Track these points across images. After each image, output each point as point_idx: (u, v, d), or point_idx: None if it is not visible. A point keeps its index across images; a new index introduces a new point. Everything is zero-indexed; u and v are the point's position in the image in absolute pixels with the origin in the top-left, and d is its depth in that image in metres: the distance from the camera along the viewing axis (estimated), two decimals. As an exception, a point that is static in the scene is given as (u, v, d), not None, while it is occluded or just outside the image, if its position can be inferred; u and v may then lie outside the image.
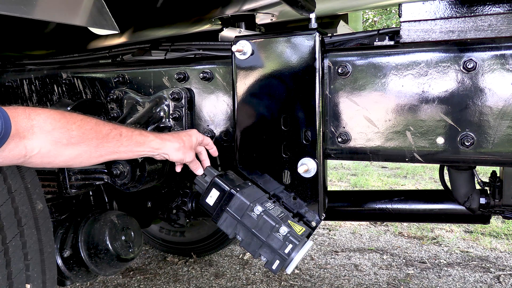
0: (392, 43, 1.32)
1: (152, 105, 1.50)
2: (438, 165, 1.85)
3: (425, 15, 1.25)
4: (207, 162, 1.42)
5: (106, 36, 2.13)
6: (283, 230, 1.24)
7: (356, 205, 1.85)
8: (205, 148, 1.44)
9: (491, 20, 1.19)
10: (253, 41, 1.34)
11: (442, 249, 3.45)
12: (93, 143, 1.08)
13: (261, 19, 2.04)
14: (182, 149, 1.31)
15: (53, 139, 1.00)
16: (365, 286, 2.87)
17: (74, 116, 1.06)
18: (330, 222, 4.05)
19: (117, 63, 1.82)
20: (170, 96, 1.48)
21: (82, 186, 1.54)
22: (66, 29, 2.02)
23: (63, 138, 1.01)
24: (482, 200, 1.65)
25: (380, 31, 1.39)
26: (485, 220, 1.73)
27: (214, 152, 1.47)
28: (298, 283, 2.91)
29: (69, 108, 1.66)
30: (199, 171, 1.39)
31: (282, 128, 1.34)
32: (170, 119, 1.50)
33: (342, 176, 6.11)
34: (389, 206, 1.78)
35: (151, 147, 1.24)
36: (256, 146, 1.39)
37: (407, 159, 1.26)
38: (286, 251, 1.23)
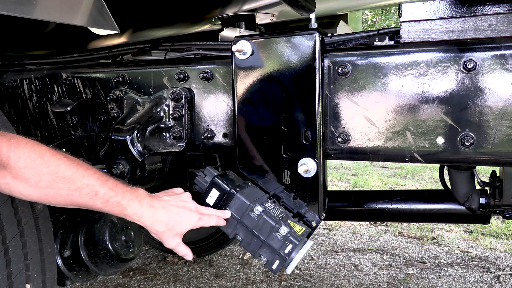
0: (392, 43, 1.32)
1: (152, 105, 1.50)
2: (438, 165, 1.85)
3: (425, 15, 1.25)
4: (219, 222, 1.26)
5: (106, 36, 2.13)
6: (283, 230, 1.24)
7: (356, 205, 1.85)
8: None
9: (491, 20, 1.19)
10: (253, 41, 1.34)
11: (442, 249, 3.45)
12: (63, 193, 1.02)
13: (261, 19, 2.04)
14: (165, 234, 1.18)
15: (22, 176, 0.97)
16: (365, 286, 2.87)
17: (51, 160, 1.00)
18: (330, 222, 4.05)
19: (117, 63, 1.82)
20: (170, 96, 1.48)
21: (82, 186, 1.54)
22: (66, 29, 2.02)
23: (32, 179, 0.98)
24: (482, 200, 1.65)
25: (380, 31, 1.38)
26: (485, 220, 1.73)
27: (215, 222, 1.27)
28: (298, 283, 2.91)
29: (69, 109, 1.66)
30: (187, 257, 1.27)
31: (282, 128, 1.34)
32: (170, 119, 1.50)
33: (342, 176, 6.11)
34: (389, 206, 1.78)
35: (128, 217, 1.14)
36: (256, 146, 1.39)
37: (407, 159, 1.26)
38: (286, 251, 1.23)
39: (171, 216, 1.17)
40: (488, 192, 1.67)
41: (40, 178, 0.99)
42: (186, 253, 1.27)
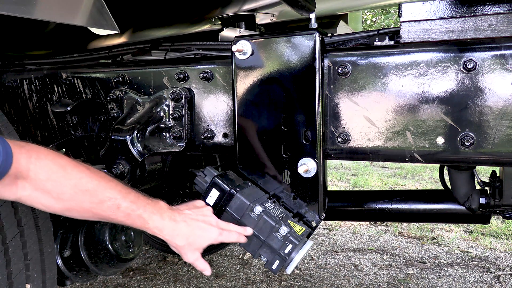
0: (392, 43, 1.32)
1: (152, 105, 1.50)
2: (438, 165, 1.85)
3: (425, 15, 1.25)
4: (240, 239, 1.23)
5: (106, 36, 2.13)
6: (283, 230, 1.24)
7: (356, 205, 1.85)
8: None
9: (491, 20, 1.19)
10: (253, 41, 1.34)
11: (442, 249, 3.45)
12: (85, 205, 1.02)
13: (261, 19, 2.04)
14: (185, 248, 1.16)
15: (44, 189, 0.96)
16: (365, 286, 2.87)
17: (73, 173, 0.99)
18: (330, 222, 4.05)
19: (117, 63, 1.82)
20: (170, 96, 1.48)
21: (82, 186, 1.54)
22: (66, 29, 2.02)
23: (53, 191, 0.97)
24: (482, 200, 1.65)
25: (380, 31, 1.38)
26: (485, 220, 1.73)
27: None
28: (298, 283, 2.91)
29: (69, 109, 1.66)
30: (205, 272, 1.22)
31: (282, 128, 1.34)
32: (170, 119, 1.50)
33: (342, 176, 6.11)
34: (389, 206, 1.78)
35: (149, 231, 1.12)
36: (256, 146, 1.39)
37: (407, 159, 1.26)
38: (286, 251, 1.23)
39: (191, 230, 1.15)
40: (488, 192, 1.67)
41: (62, 191, 0.98)
42: (205, 268, 1.21)
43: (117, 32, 1.36)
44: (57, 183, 0.97)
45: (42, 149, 0.98)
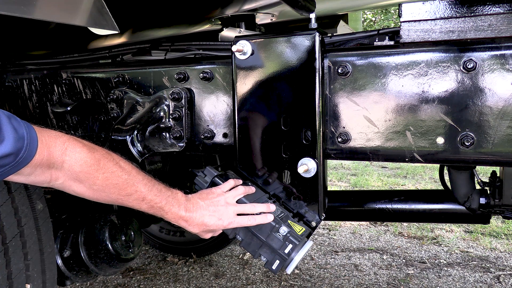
0: (392, 43, 1.32)
1: (152, 105, 1.50)
2: (438, 165, 1.85)
3: (425, 15, 1.25)
4: (258, 219, 1.29)
5: (106, 36, 2.13)
6: (283, 230, 1.24)
7: (356, 205, 1.85)
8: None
9: (491, 20, 1.19)
10: (253, 41, 1.34)
11: (442, 249, 3.45)
12: (113, 196, 1.12)
13: (261, 19, 2.03)
14: (199, 234, 1.30)
15: (77, 178, 1.04)
16: (365, 286, 2.87)
17: (106, 167, 1.07)
18: (330, 222, 4.05)
19: (117, 63, 1.82)
20: (170, 96, 1.48)
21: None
22: (66, 29, 2.02)
23: (85, 182, 1.06)
24: (482, 200, 1.65)
25: (380, 31, 1.38)
26: (485, 220, 1.73)
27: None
28: (298, 283, 2.91)
29: (69, 109, 1.66)
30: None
31: (282, 128, 1.34)
32: (170, 119, 1.50)
33: (342, 176, 6.11)
34: (389, 206, 1.78)
35: (166, 219, 1.23)
36: (256, 146, 1.39)
37: (407, 159, 1.26)
38: (286, 251, 1.23)
39: (204, 219, 1.25)
40: (488, 192, 1.67)
41: (93, 182, 1.06)
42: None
43: (117, 32, 1.37)
44: (90, 175, 1.04)
45: (78, 141, 1.04)
